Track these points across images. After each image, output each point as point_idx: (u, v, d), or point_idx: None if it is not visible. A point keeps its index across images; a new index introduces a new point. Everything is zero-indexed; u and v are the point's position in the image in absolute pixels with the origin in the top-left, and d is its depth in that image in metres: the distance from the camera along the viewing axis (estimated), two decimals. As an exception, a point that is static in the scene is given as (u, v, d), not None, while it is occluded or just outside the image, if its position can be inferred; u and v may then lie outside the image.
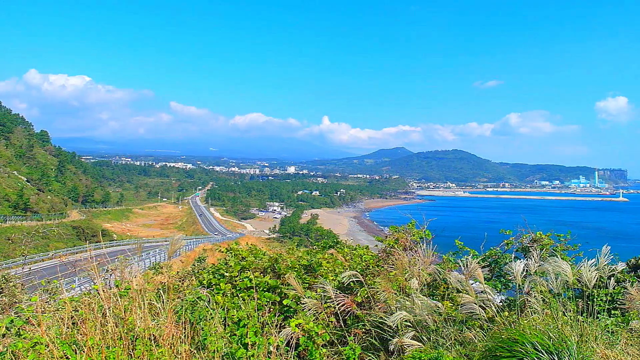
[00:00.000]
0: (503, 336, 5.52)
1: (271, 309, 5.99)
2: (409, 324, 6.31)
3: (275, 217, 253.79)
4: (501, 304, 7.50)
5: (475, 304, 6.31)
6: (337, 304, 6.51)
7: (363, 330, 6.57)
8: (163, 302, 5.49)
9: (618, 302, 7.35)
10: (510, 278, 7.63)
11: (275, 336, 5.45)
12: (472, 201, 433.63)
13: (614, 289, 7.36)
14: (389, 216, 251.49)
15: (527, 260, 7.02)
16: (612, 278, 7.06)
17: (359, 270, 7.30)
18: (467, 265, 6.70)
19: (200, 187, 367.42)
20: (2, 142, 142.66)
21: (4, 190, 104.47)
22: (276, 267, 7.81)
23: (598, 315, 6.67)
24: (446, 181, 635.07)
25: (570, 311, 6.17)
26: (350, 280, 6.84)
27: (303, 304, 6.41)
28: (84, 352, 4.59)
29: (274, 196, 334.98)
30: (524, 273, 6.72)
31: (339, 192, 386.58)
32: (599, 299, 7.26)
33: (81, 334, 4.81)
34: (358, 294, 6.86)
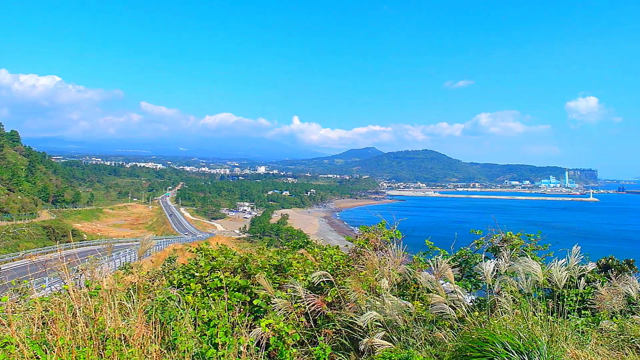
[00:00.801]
0: (473, 336, 5.74)
1: (241, 309, 6.18)
2: (379, 324, 6.49)
3: (246, 217, 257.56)
4: (471, 304, 7.73)
5: (446, 304, 6.52)
6: (308, 304, 6.68)
7: (333, 330, 6.73)
8: (133, 302, 5.62)
9: (588, 302, 7.64)
10: (480, 278, 7.82)
11: (245, 336, 5.62)
12: (443, 201, 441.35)
13: (584, 289, 7.61)
14: (359, 216, 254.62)
15: (497, 260, 7.22)
16: (583, 278, 7.25)
17: (329, 270, 7.46)
18: (437, 265, 6.86)
19: (170, 187, 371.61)
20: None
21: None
22: (246, 267, 7.97)
23: (568, 315, 6.94)
24: (416, 181, 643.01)
25: (540, 311, 6.37)
26: (321, 280, 7.01)
27: (273, 304, 6.58)
28: (54, 352, 4.73)
29: (244, 196, 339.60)
30: (494, 273, 6.91)
31: (309, 192, 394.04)
32: (569, 299, 7.52)
33: (51, 334, 4.95)
34: (328, 294, 7.03)
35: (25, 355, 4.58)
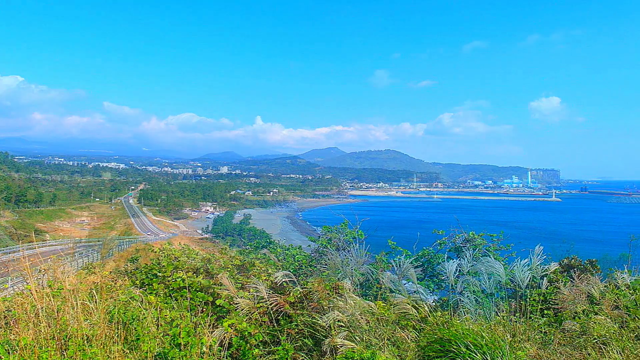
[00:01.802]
0: (436, 336, 6.06)
1: (204, 309, 6.39)
2: (341, 324, 6.75)
3: (208, 217, 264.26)
4: (434, 304, 8.00)
5: (408, 304, 6.78)
6: (270, 304, 6.96)
7: (296, 330, 6.94)
8: (96, 302, 5.85)
9: (551, 302, 7.93)
10: (443, 278, 8.08)
11: (208, 336, 5.88)
12: (405, 201, 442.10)
13: (546, 289, 7.92)
14: (321, 216, 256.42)
15: (460, 260, 7.50)
16: (545, 278, 7.57)
17: (292, 270, 7.72)
18: (400, 265, 7.12)
19: (133, 187, 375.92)
20: None
21: None
22: (209, 267, 8.20)
23: (531, 315, 7.22)
24: (379, 181, 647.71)
25: (503, 311, 6.63)
26: (283, 280, 7.29)
27: (236, 304, 6.86)
28: (16, 352, 4.95)
29: (207, 196, 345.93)
30: (457, 273, 7.18)
31: (272, 192, 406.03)
32: (531, 299, 7.81)
33: (14, 334, 5.17)
34: (291, 294, 7.29)
35: (-13, 355, 4.73)
